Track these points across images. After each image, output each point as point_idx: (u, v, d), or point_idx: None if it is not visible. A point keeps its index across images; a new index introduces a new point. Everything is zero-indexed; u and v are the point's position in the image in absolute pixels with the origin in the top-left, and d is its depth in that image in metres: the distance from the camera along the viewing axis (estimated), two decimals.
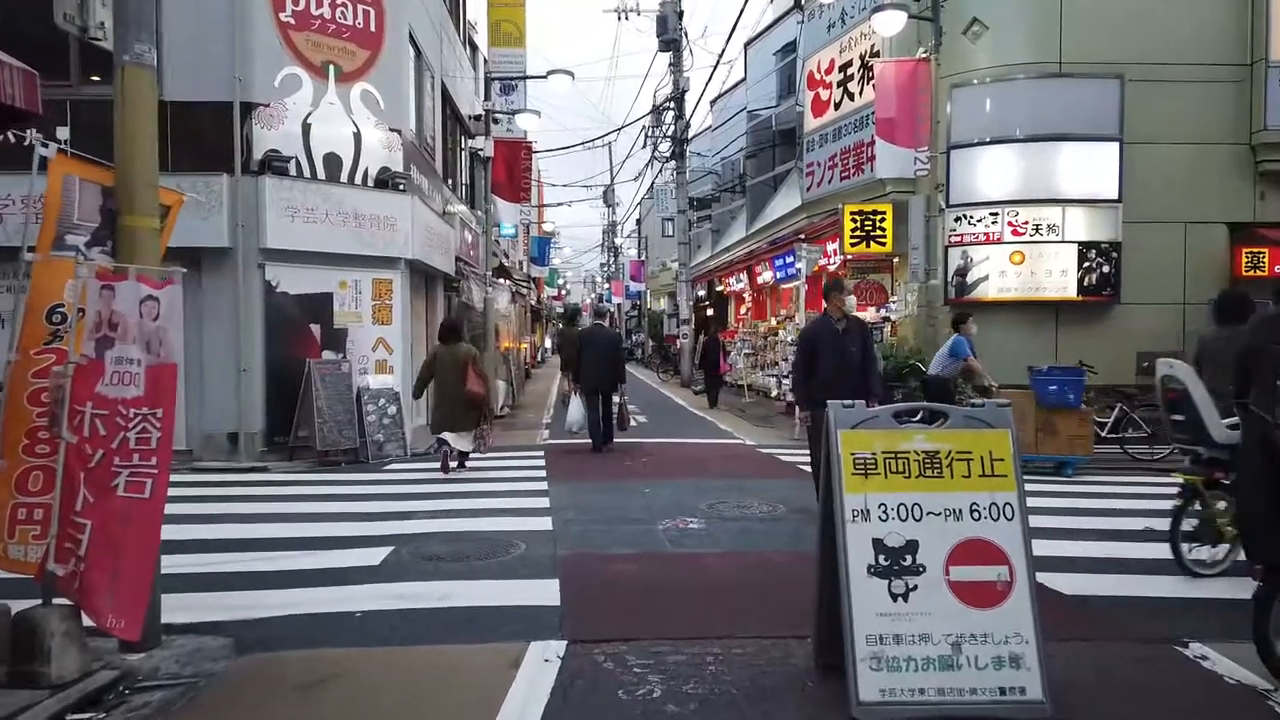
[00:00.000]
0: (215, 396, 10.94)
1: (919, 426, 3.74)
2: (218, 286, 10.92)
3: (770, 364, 19.67)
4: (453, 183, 18.29)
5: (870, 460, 3.62)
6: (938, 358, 10.65)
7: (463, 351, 10.13)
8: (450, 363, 9.96)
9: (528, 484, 9.21)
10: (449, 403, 9.94)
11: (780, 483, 9.12)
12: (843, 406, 3.73)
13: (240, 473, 10.42)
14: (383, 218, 11.97)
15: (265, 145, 10.99)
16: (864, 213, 14.40)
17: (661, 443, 12.89)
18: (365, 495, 8.65)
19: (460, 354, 10.06)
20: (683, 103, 26.26)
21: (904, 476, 3.61)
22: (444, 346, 10.20)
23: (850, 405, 3.73)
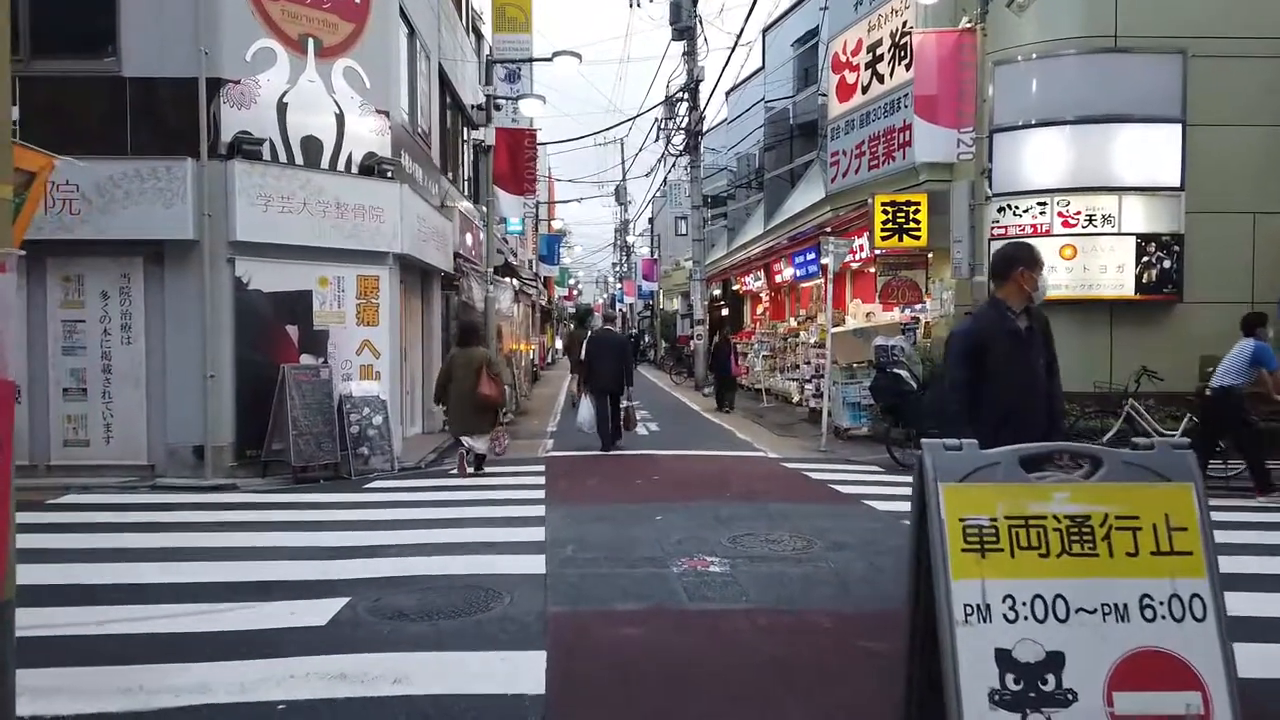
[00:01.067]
0: (179, 406, 9.84)
1: (1060, 479, 2.56)
2: (182, 283, 9.82)
3: (791, 367, 18.46)
4: (453, 176, 17.19)
5: (989, 530, 2.46)
6: (1229, 365, 8.86)
7: (479, 354, 10.27)
8: (466, 366, 10.04)
9: (523, 507, 8.05)
10: (465, 406, 10.00)
11: (812, 509, 7.94)
12: (944, 448, 2.55)
13: (204, 491, 9.32)
14: (368, 208, 10.84)
15: (235, 126, 9.88)
16: (896, 204, 13.22)
17: (675, 455, 11.73)
18: (335, 522, 7.52)
19: (476, 357, 10.17)
20: (697, 94, 25.09)
21: (1040, 554, 2.45)
22: (461, 350, 10.39)
23: (957, 446, 2.55)
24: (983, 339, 4.22)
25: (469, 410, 10.00)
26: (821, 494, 8.80)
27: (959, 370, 4.20)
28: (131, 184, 9.46)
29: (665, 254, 47.76)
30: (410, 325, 14.02)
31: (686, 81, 25.05)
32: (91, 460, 9.87)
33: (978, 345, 4.21)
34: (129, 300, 9.89)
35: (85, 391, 9.89)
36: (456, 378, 10.08)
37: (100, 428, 9.91)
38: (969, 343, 4.24)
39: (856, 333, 13.52)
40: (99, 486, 9.41)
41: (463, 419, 10.10)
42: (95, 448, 9.92)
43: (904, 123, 13.88)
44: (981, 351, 4.17)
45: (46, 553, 6.30)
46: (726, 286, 28.51)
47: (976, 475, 2.51)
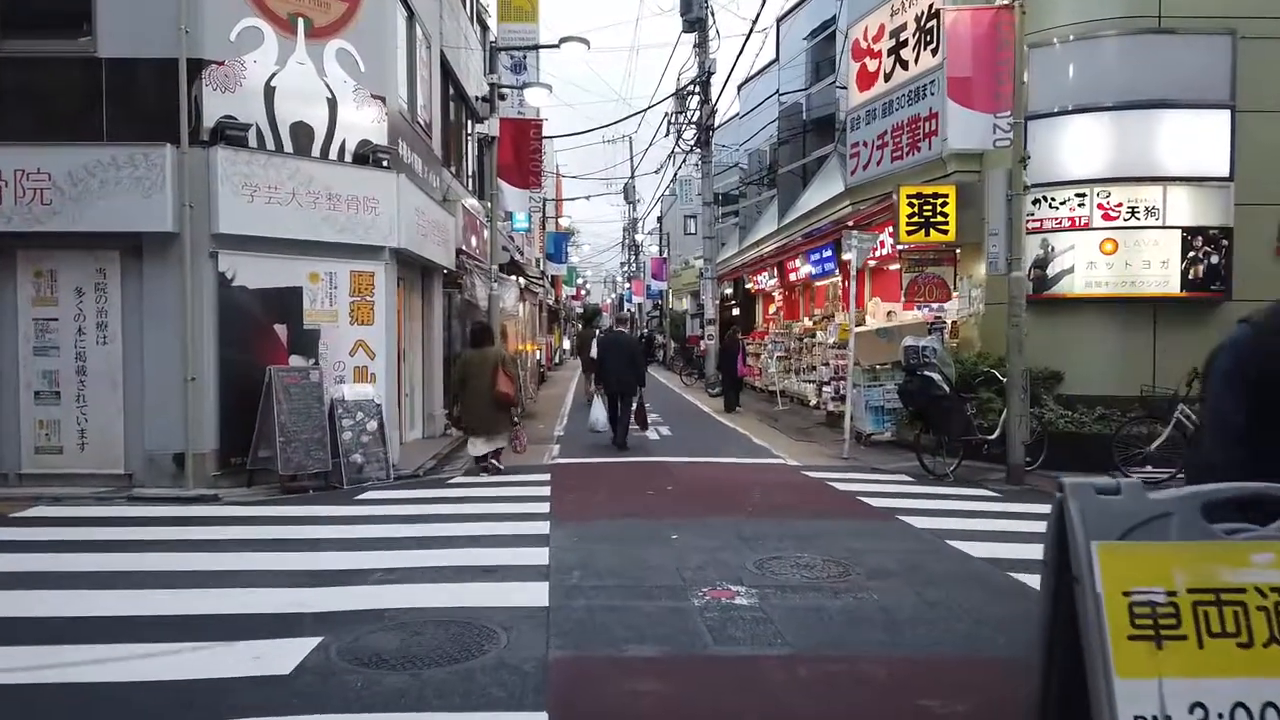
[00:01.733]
0: (158, 410, 9.18)
1: (1259, 536, 1.85)
2: (161, 279, 9.15)
3: (808, 368, 17.72)
4: (456, 170, 16.52)
5: (1166, 609, 1.74)
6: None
7: (492, 354, 10.35)
8: (481, 366, 10.08)
9: (526, 523, 7.35)
10: (483, 406, 10.00)
11: (842, 525, 7.22)
12: (1095, 490, 1.84)
13: (183, 503, 8.65)
14: (363, 199, 10.17)
15: (219, 111, 9.21)
16: (923, 196, 12.47)
17: (689, 462, 11.02)
18: (320, 540, 6.83)
19: (490, 357, 10.24)
20: (708, 87, 24.39)
21: (1240, 644, 1.73)
22: (475, 350, 10.46)
23: (1113, 488, 1.84)
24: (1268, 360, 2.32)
25: (487, 410, 10.03)
26: (850, 507, 8.08)
27: (1228, 401, 2.39)
28: (107, 172, 8.80)
29: (674, 253, 47.07)
30: (410, 324, 13.35)
31: (697, 74, 24.36)
32: (65, 469, 9.22)
33: (1260, 368, 2.31)
34: (105, 297, 9.23)
35: (58, 395, 9.24)
36: (472, 378, 10.07)
37: (74, 434, 9.26)
38: (1243, 362, 2.35)
39: (880, 333, 12.79)
40: (71, 498, 8.75)
41: (481, 420, 10.10)
42: (69, 455, 9.26)
43: (930, 111, 13.15)
44: (1268, 378, 2.28)
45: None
46: (738, 285, 27.77)
47: (1143, 530, 1.80)
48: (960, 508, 8.15)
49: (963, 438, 10.04)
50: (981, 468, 10.31)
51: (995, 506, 8.33)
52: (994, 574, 5.77)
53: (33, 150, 8.79)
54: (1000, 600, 5.19)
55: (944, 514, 7.75)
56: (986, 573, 5.80)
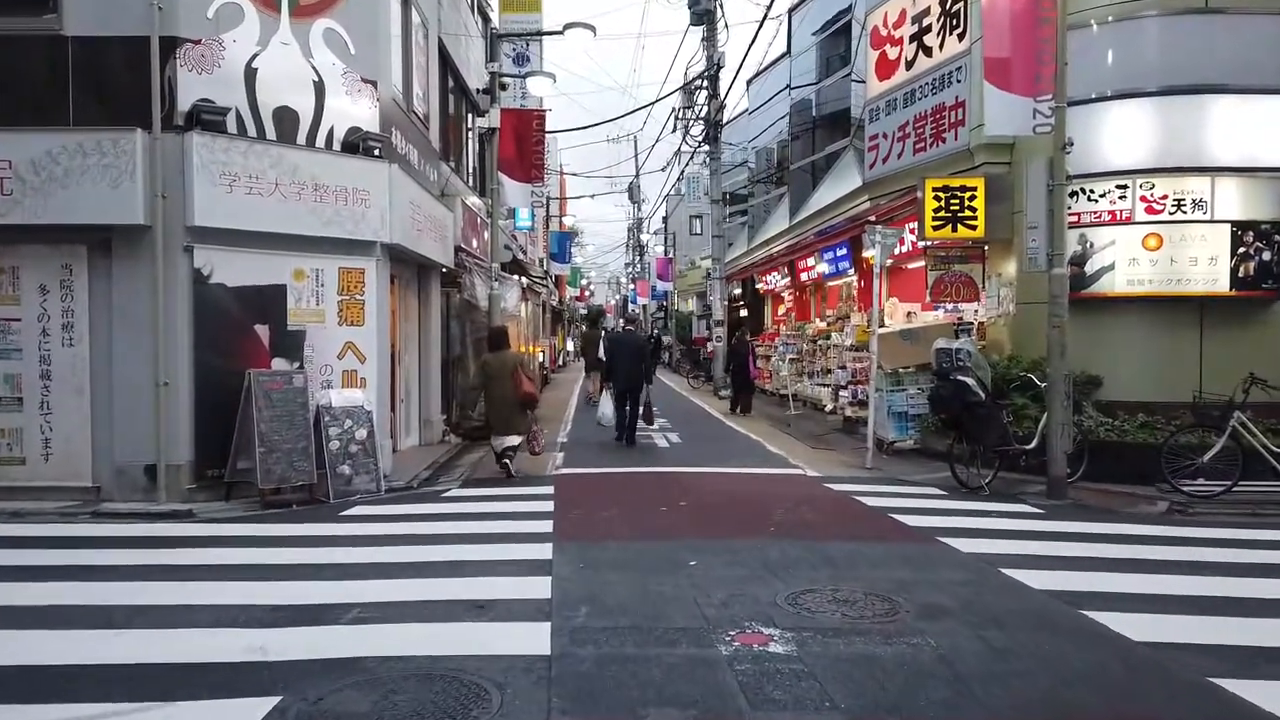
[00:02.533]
0: (129, 418, 8.46)
1: None
2: (132, 276, 8.45)
3: (822, 371, 16.98)
4: (456, 165, 15.80)
5: None
6: None
7: (511, 358, 10.85)
8: (501, 369, 10.46)
9: (526, 546, 6.62)
10: (505, 407, 10.34)
11: (880, 550, 6.48)
12: None
13: (154, 520, 7.94)
14: (352, 190, 9.45)
15: (194, 94, 8.50)
16: (950, 189, 11.73)
17: (702, 473, 10.28)
18: (297, 566, 6.11)
19: (509, 360, 10.68)
20: (717, 81, 23.66)
21: None
22: (494, 355, 10.91)
23: None
24: None
25: (510, 410, 10.34)
26: (885, 528, 7.33)
27: None
28: (73, 160, 8.10)
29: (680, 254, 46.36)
30: (405, 325, 12.63)
31: (705, 68, 23.63)
32: (28, 481, 8.51)
33: None
34: (71, 296, 8.52)
35: (20, 401, 8.53)
36: (493, 381, 10.44)
37: (38, 443, 8.54)
38: None
39: (904, 334, 12.05)
40: (33, 514, 8.03)
41: (504, 420, 10.38)
42: (32, 466, 8.56)
43: (956, 99, 12.43)
44: None
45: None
46: (747, 285, 27.03)
47: None
48: (1004, 527, 7.40)
49: (999, 448, 9.28)
50: (1017, 479, 9.58)
51: (1042, 525, 7.58)
52: (1061, 611, 5.03)
53: None
54: (1077, 646, 4.44)
55: (988, 535, 7.01)
56: (1052, 609, 5.06)
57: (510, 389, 10.23)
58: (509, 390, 10.23)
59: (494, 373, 10.43)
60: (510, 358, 10.75)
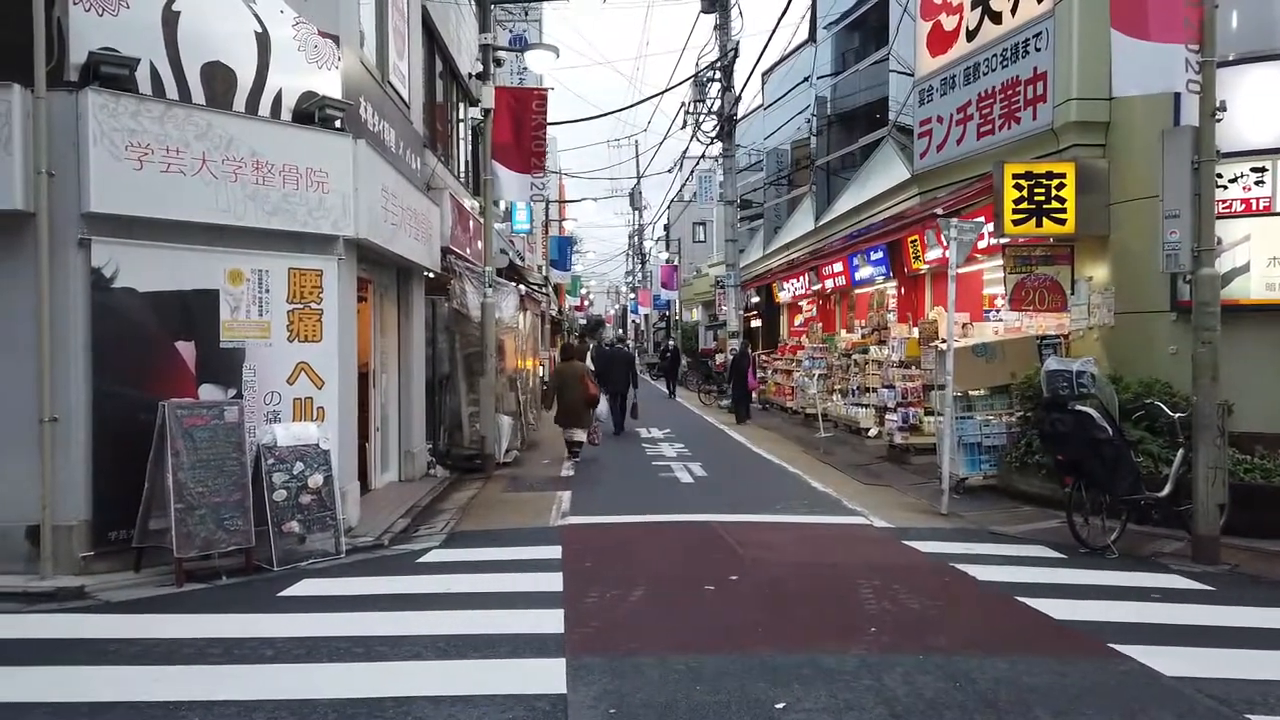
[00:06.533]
0: (4, 465, 6.44)
1: None
2: (10, 279, 6.43)
3: (859, 390, 14.97)
4: (445, 159, 13.81)
5: None
6: None
7: (579, 368, 13.26)
8: (572, 377, 12.81)
9: (524, 661, 4.61)
10: (574, 407, 12.61)
11: (1044, 672, 4.47)
12: None
13: (28, 603, 5.92)
14: (305, 170, 7.46)
15: (93, 42, 6.49)
16: (1033, 176, 9.78)
17: (743, 524, 8.26)
18: (181, 708, 4.08)
19: (578, 369, 13.11)
20: (731, 72, 21.74)
21: None
22: (565, 363, 13.36)
23: None
24: None
25: (578, 409, 12.60)
26: (1025, 624, 5.31)
27: None
28: None
29: (684, 262, 44.48)
30: (383, 340, 10.63)
31: (718, 58, 21.72)
32: None
33: None
34: None
35: None
36: (565, 385, 12.76)
37: None
38: None
39: (977, 350, 10.05)
40: None
41: (574, 416, 12.63)
42: None
43: (1035, 71, 10.47)
44: None
45: None
46: (769, 294, 25.00)
47: None
48: (1179, 618, 5.41)
49: (1128, 496, 7.27)
50: (1144, 534, 7.62)
51: (1229, 613, 5.58)
52: None
53: None
54: None
55: (1169, 634, 5.02)
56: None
57: (579, 392, 12.50)
58: (578, 393, 12.50)
59: (566, 380, 12.80)
60: (579, 368, 13.22)
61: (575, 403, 12.50)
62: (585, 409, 12.59)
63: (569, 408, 12.58)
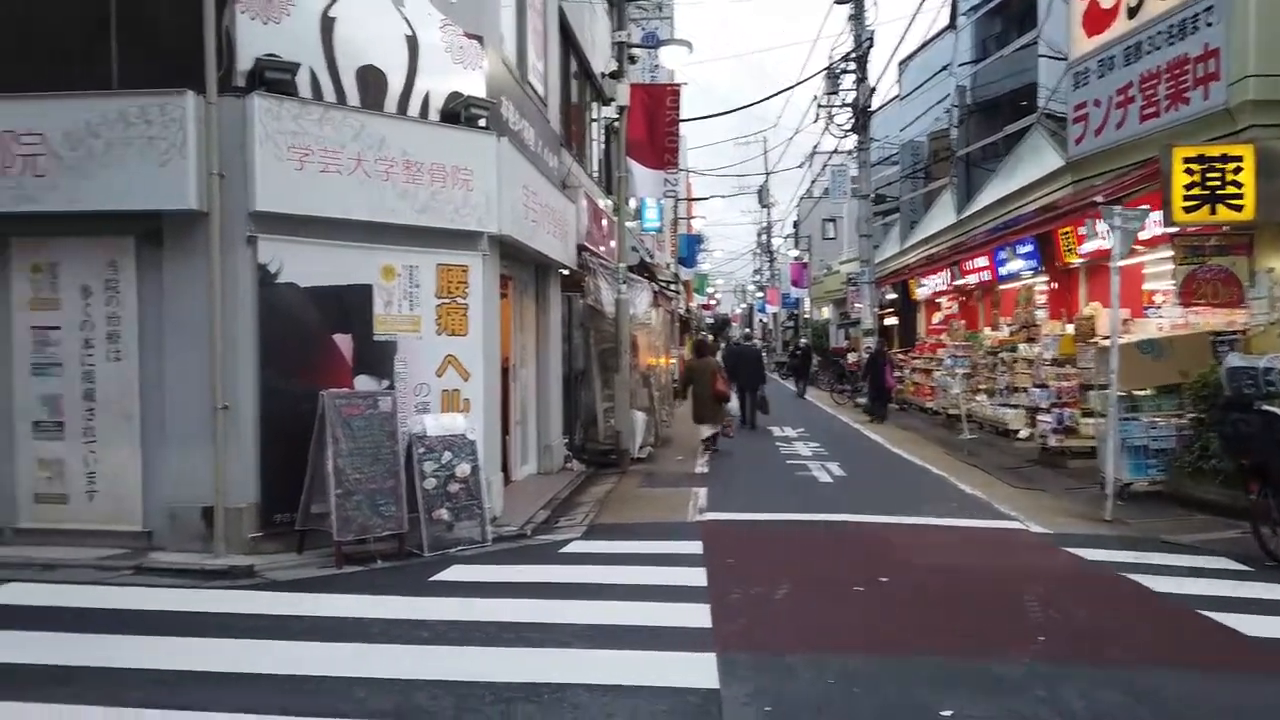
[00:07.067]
0: (183, 450, 6.86)
1: None
2: (186, 275, 6.86)
3: (1006, 389, 14.29)
4: (579, 157, 13.97)
5: None
6: None
7: (711, 363, 13.76)
8: (703, 372, 13.29)
9: (674, 654, 4.56)
10: (706, 402, 13.10)
11: (1248, 698, 4.09)
12: None
13: (203, 580, 6.29)
14: (451, 169, 7.66)
15: (258, 48, 6.85)
16: (1206, 159, 9.06)
17: (888, 526, 7.99)
18: (345, 685, 4.22)
19: (709, 365, 13.58)
20: (865, 63, 21.19)
21: None
22: (697, 359, 13.93)
23: None
24: None
25: (711, 405, 13.10)
26: (1209, 637, 4.90)
27: None
28: (115, 131, 6.57)
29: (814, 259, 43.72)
30: (522, 335, 10.85)
31: (853, 48, 21.20)
32: (70, 523, 7.04)
33: None
34: (118, 299, 7.00)
35: (61, 427, 7.06)
36: (696, 382, 13.31)
37: (80, 477, 7.05)
38: None
39: (1143, 346, 9.39)
40: (68, 565, 6.54)
41: (707, 411, 13.14)
42: (76, 505, 7.07)
43: (1205, 48, 9.71)
44: None
45: None
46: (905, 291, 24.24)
47: None
48: None
49: None
50: None
51: None
52: None
53: (23, 104, 6.65)
54: None
55: None
56: None
57: (711, 388, 12.99)
58: (710, 389, 12.98)
59: (697, 375, 13.35)
60: (711, 363, 13.72)
61: (708, 398, 12.98)
62: (717, 404, 13.07)
63: (702, 403, 13.07)
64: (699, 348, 14.65)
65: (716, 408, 13.10)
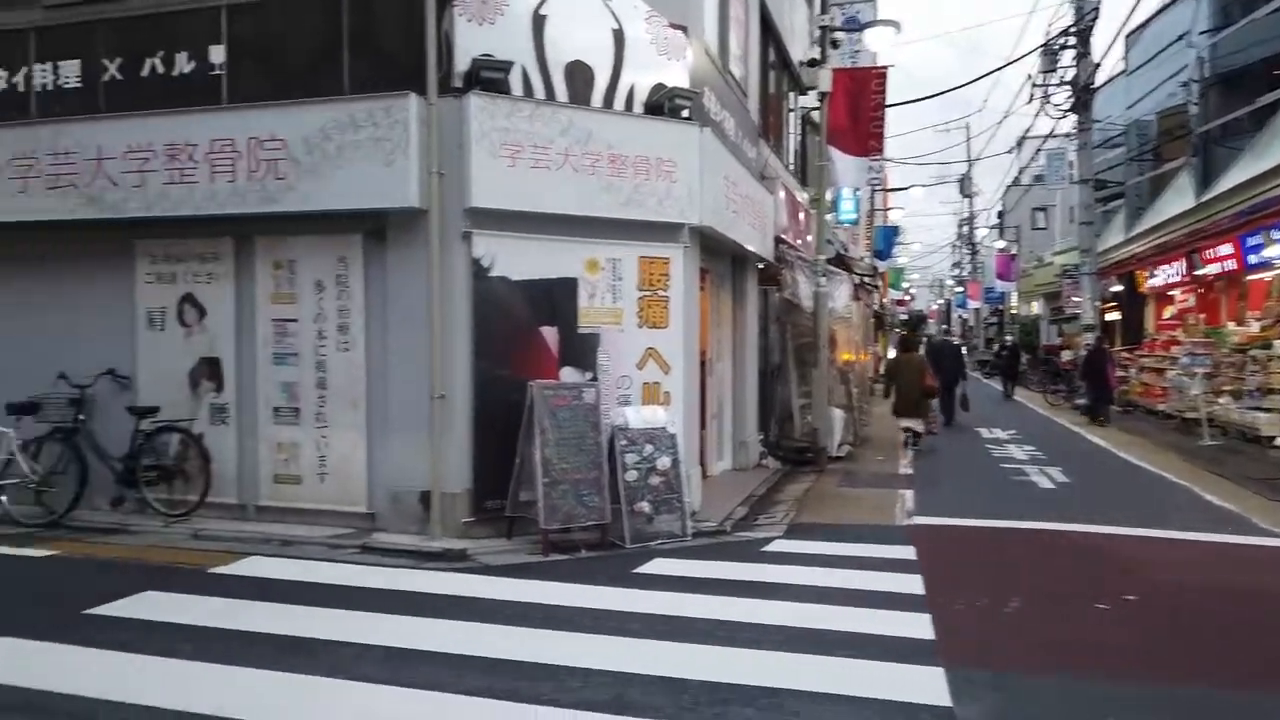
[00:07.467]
0: (404, 436, 7.21)
1: None
2: (406, 270, 7.19)
3: (1260, 391, 12.73)
4: (776, 148, 13.68)
5: None
6: None
7: (917, 359, 13.72)
8: (909, 367, 13.21)
9: (897, 666, 4.25)
10: (911, 397, 12.95)
11: None
12: None
13: (419, 562, 6.56)
14: (654, 161, 7.63)
15: (474, 49, 7.07)
16: None
17: (1124, 538, 7.26)
18: (555, 672, 4.22)
19: (915, 361, 13.53)
20: (1088, 37, 19.54)
21: None
22: (903, 354, 13.92)
23: None
24: None
25: (916, 400, 12.97)
26: None
27: None
28: (344, 134, 6.97)
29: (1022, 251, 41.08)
30: (718, 329, 10.71)
31: (1074, 22, 19.60)
32: (303, 503, 7.57)
33: None
34: (346, 293, 7.45)
35: (297, 413, 7.60)
36: (901, 376, 13.19)
37: (313, 460, 7.56)
38: None
39: None
40: (301, 541, 7.03)
41: (911, 406, 12.98)
42: (308, 486, 7.59)
43: None
44: None
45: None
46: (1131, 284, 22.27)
47: None
48: None
49: None
50: None
51: None
52: None
53: (266, 112, 7.19)
54: None
55: None
56: None
57: (917, 383, 12.83)
58: (915, 384, 12.84)
59: (903, 370, 13.21)
60: (917, 359, 13.65)
61: (913, 393, 12.91)
62: (923, 399, 13.09)
63: (906, 398, 13.00)
64: (905, 343, 14.75)
65: (923, 403, 13.06)
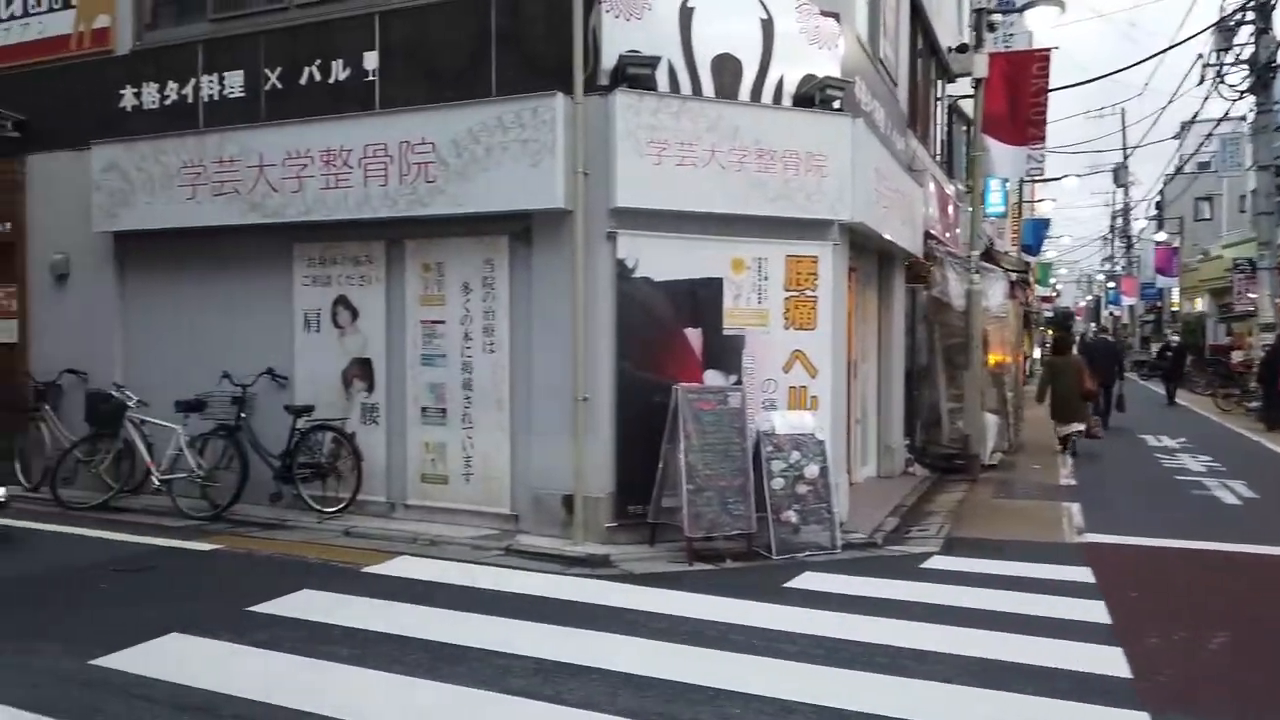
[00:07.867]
0: (546, 439, 7.16)
1: None
2: (551, 271, 7.13)
3: None
4: (923, 137, 13.04)
5: None
6: None
7: (1074, 360, 13.23)
8: (1065, 370, 12.67)
9: (1090, 709, 3.84)
10: (1069, 401, 12.42)
11: None
12: None
13: (561, 566, 6.48)
14: (803, 155, 7.30)
15: (620, 45, 6.93)
16: None
17: None
18: (714, 697, 4.01)
19: (1072, 363, 12.99)
20: (1270, 11, 17.90)
21: None
22: (1057, 356, 13.31)
23: None
24: None
25: (1073, 403, 12.41)
26: None
27: None
28: (493, 136, 6.97)
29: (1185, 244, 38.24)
30: (863, 328, 10.28)
31: None
32: (449, 502, 7.64)
33: None
34: (492, 294, 7.46)
35: (444, 413, 7.67)
36: (1057, 379, 12.62)
37: (459, 461, 7.62)
38: None
39: None
40: (447, 542, 7.08)
41: (1069, 410, 12.44)
42: (454, 486, 7.66)
43: None
44: None
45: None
46: None
47: None
48: None
49: None
50: None
51: None
52: None
53: (417, 116, 7.27)
54: None
55: None
56: None
57: (1074, 385, 12.30)
58: (1073, 387, 12.30)
59: (1059, 372, 12.68)
60: (1074, 360, 13.18)
61: (1071, 396, 12.40)
62: (1082, 402, 12.53)
63: (1064, 401, 12.47)
64: (1059, 343, 14.10)
65: (1081, 406, 12.51)
